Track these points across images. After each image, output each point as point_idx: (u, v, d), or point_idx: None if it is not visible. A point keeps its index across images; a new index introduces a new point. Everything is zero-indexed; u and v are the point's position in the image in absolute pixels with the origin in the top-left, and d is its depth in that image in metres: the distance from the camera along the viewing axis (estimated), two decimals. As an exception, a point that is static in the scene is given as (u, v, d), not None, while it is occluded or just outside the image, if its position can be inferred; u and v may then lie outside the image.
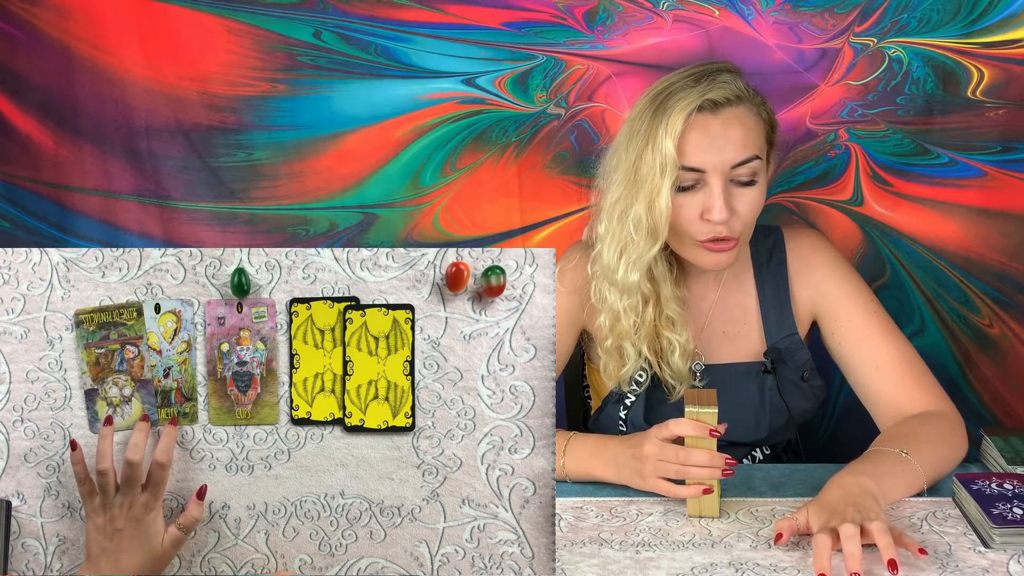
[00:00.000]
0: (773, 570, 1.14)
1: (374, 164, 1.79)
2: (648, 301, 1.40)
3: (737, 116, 1.31)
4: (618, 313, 1.40)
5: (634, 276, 1.36)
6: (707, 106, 1.30)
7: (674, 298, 1.41)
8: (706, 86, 1.30)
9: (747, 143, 1.30)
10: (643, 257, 1.35)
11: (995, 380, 1.80)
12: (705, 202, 1.31)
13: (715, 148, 1.29)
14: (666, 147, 1.29)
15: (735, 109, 1.31)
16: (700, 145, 1.29)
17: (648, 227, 1.33)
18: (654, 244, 1.34)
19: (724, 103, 1.30)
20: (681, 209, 1.33)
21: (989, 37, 1.65)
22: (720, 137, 1.29)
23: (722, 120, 1.30)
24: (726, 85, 1.31)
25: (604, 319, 1.42)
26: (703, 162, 1.30)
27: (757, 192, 1.33)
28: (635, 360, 1.42)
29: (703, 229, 1.33)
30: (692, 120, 1.29)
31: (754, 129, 1.32)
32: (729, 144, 1.29)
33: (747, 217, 1.34)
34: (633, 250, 1.35)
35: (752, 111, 1.33)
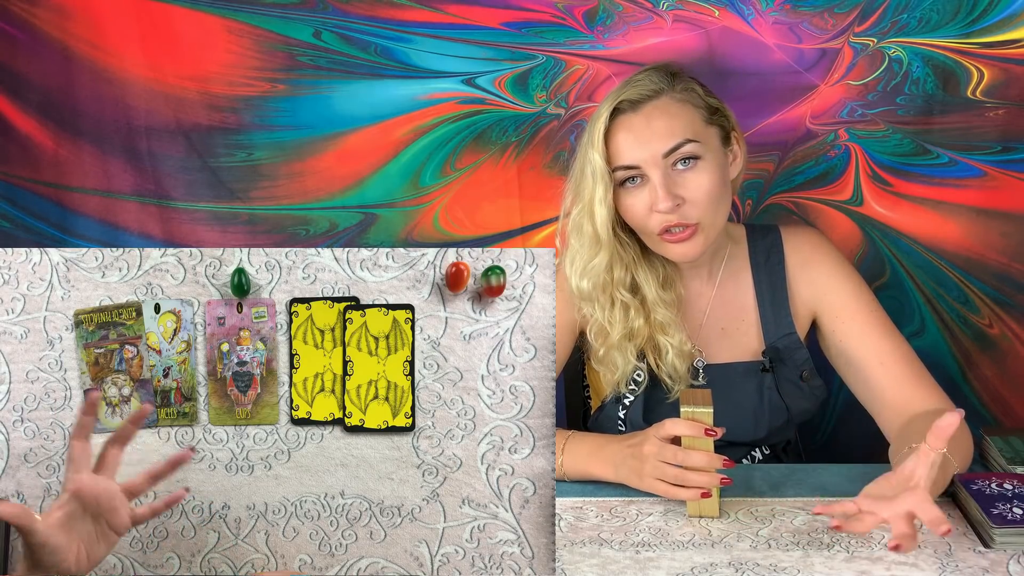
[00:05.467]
0: (773, 570, 1.14)
1: (374, 164, 1.79)
2: (629, 308, 1.42)
3: (658, 107, 1.36)
4: (603, 325, 1.43)
5: (584, 284, 1.42)
6: (625, 107, 1.36)
7: (661, 302, 1.42)
8: (621, 89, 1.37)
9: (673, 130, 1.34)
10: (589, 264, 1.41)
11: (995, 380, 1.80)
12: (651, 196, 1.35)
13: (641, 142, 1.34)
14: (593, 158, 1.36)
15: (655, 101, 1.36)
16: (627, 143, 1.35)
17: (590, 235, 1.40)
18: (598, 251, 1.40)
19: (641, 100, 1.36)
20: (633, 207, 1.37)
21: (989, 37, 1.65)
22: (645, 131, 1.34)
23: (644, 115, 1.35)
24: (640, 83, 1.37)
25: (593, 329, 1.44)
26: (634, 158, 1.35)
27: (702, 174, 1.35)
28: (624, 367, 1.43)
29: (656, 221, 1.36)
30: (615, 123, 1.36)
31: (680, 115, 1.36)
32: (654, 136, 1.34)
33: (699, 201, 1.35)
34: (579, 259, 1.42)
35: (675, 99, 1.37)
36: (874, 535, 1.21)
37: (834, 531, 1.20)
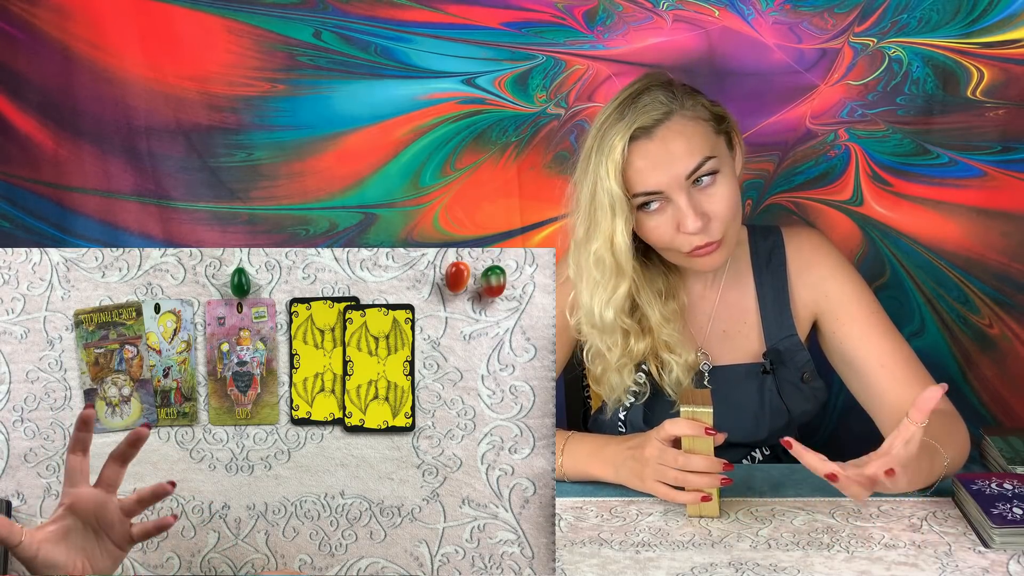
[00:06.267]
0: (773, 570, 1.14)
1: (374, 164, 1.79)
2: (629, 336, 1.40)
3: (671, 130, 1.31)
4: (599, 349, 1.41)
5: (609, 314, 1.38)
6: (639, 134, 1.31)
7: (667, 324, 1.41)
8: (632, 116, 1.31)
9: (691, 150, 1.31)
10: (614, 295, 1.37)
11: (995, 380, 1.80)
12: (676, 217, 1.32)
13: (661, 168, 1.30)
14: (612, 188, 1.31)
15: (667, 123, 1.31)
16: (646, 170, 1.31)
17: (611, 266, 1.35)
18: (622, 281, 1.36)
19: (653, 124, 1.31)
20: (657, 229, 1.34)
21: (989, 37, 1.65)
22: (663, 156, 1.30)
23: (659, 140, 1.31)
24: (648, 106, 1.31)
25: (588, 353, 1.43)
26: (657, 184, 1.31)
27: (724, 187, 1.33)
28: (620, 388, 1.42)
29: (684, 242, 1.33)
30: (630, 151, 1.31)
31: (695, 134, 1.32)
32: (674, 159, 1.30)
33: (724, 215, 1.34)
34: (603, 291, 1.37)
35: (687, 117, 1.32)
36: (874, 535, 1.21)
37: (831, 531, 1.20)
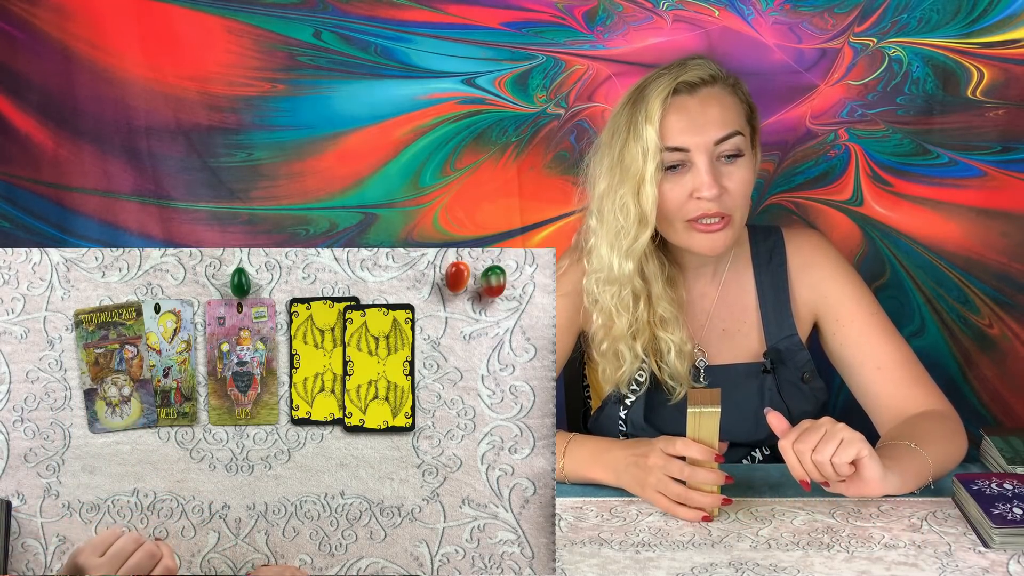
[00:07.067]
0: (773, 570, 1.14)
1: (374, 164, 1.79)
2: (639, 298, 1.40)
3: (713, 95, 1.35)
4: (611, 313, 1.41)
5: (628, 266, 1.38)
6: (682, 88, 1.34)
7: (665, 297, 1.42)
8: (679, 70, 1.35)
9: (726, 120, 1.34)
10: (634, 245, 1.37)
11: (995, 380, 1.80)
12: (694, 181, 1.34)
13: (696, 127, 1.33)
14: (647, 133, 1.32)
15: (711, 89, 1.35)
16: (681, 126, 1.33)
17: (637, 214, 1.35)
18: (644, 231, 1.36)
19: (699, 83, 1.34)
20: (671, 192, 1.35)
21: (989, 37, 1.65)
22: (700, 116, 1.33)
23: (699, 99, 1.34)
24: (699, 67, 1.36)
25: (598, 321, 1.43)
26: (686, 142, 1.33)
27: (744, 169, 1.35)
28: (631, 362, 1.42)
29: (694, 208, 1.35)
30: (670, 103, 1.33)
31: (732, 107, 1.36)
32: (709, 122, 1.33)
33: (738, 194, 1.35)
34: (624, 238, 1.37)
35: (728, 91, 1.37)
36: (874, 535, 1.21)
37: (831, 531, 1.20)
